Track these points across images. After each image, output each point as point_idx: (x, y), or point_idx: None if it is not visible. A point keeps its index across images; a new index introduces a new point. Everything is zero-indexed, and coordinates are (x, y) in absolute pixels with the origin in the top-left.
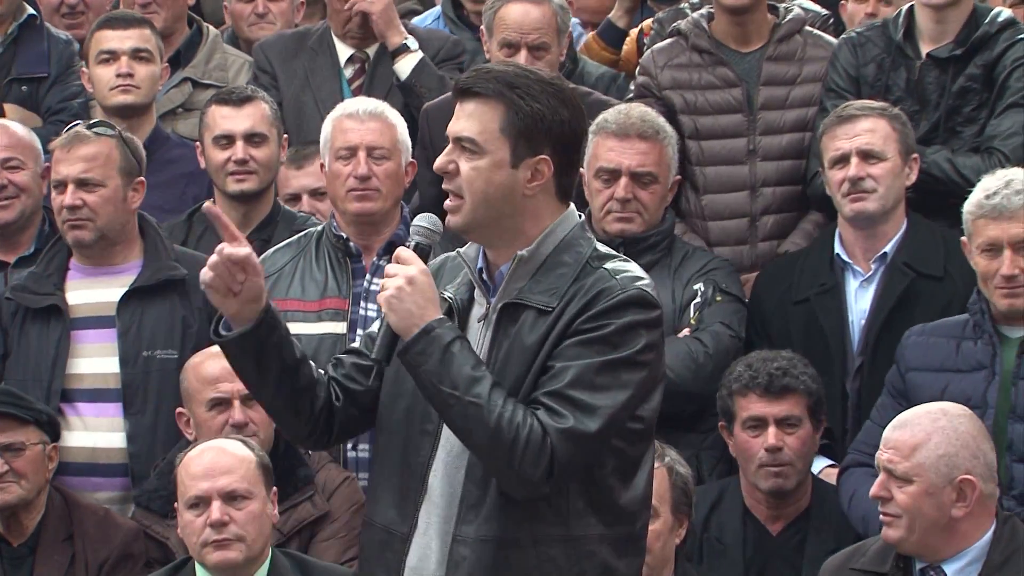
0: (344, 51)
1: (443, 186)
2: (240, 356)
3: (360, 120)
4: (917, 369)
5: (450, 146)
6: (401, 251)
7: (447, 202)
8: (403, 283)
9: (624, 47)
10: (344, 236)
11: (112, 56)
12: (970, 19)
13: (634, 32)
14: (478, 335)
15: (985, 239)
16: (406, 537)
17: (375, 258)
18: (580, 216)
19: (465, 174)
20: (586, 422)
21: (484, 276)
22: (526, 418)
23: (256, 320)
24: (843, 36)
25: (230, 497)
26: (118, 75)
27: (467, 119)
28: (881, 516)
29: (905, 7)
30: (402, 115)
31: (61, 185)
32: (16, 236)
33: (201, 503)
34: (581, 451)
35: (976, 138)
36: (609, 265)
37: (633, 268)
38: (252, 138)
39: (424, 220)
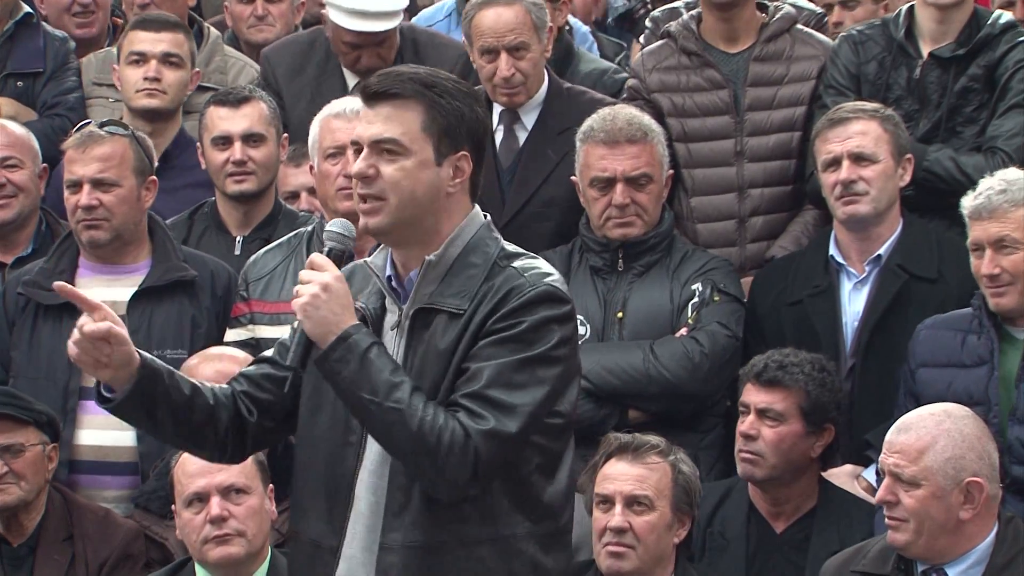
0: (352, 79)
1: (359, 191)
2: (129, 415)
3: (347, 119)
4: (926, 365)
5: (366, 151)
6: (316, 257)
7: (362, 205)
8: (318, 290)
9: None
10: None
11: (142, 58)
12: (971, 20)
13: None
14: (392, 343)
15: (972, 239)
16: (335, 550)
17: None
18: (486, 216)
19: (390, 176)
20: (506, 422)
21: (394, 283)
22: (447, 421)
23: (134, 381)
24: (843, 34)
25: (228, 492)
26: (146, 78)
27: (384, 122)
28: (887, 520)
29: (905, 6)
30: None
31: (76, 185)
32: (13, 236)
33: (199, 500)
34: (503, 451)
35: (976, 138)
36: (517, 263)
37: (542, 265)
38: (250, 138)
39: (337, 226)
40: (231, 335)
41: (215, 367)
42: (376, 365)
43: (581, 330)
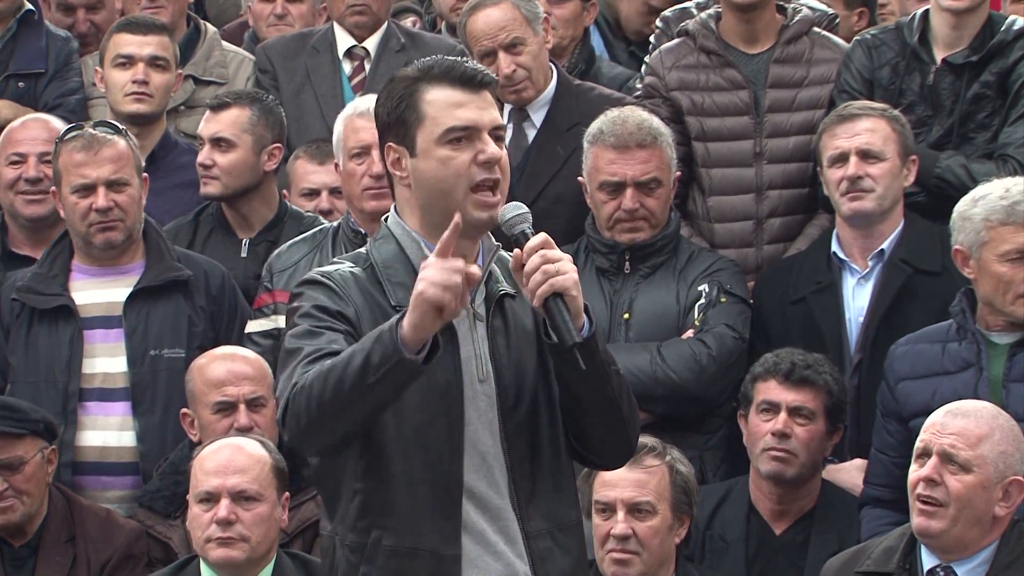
0: (344, 45)
1: (489, 176)
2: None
3: (370, 118)
4: (906, 378)
5: (489, 136)
6: (545, 236)
7: (493, 198)
8: (572, 266)
9: None
10: (363, 231)
11: (129, 61)
12: (985, 26)
13: None
14: (467, 332)
15: (1013, 246)
16: (457, 558)
17: None
18: None
19: (504, 163)
20: None
21: None
22: None
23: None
24: (857, 38)
25: (239, 497)
26: (134, 81)
27: (493, 107)
28: (921, 505)
29: (919, 11)
30: None
31: (88, 188)
32: (46, 233)
33: (210, 499)
34: None
35: (988, 145)
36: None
37: None
38: (218, 143)
39: (521, 207)
40: (254, 325)
41: (227, 367)
42: None
43: None
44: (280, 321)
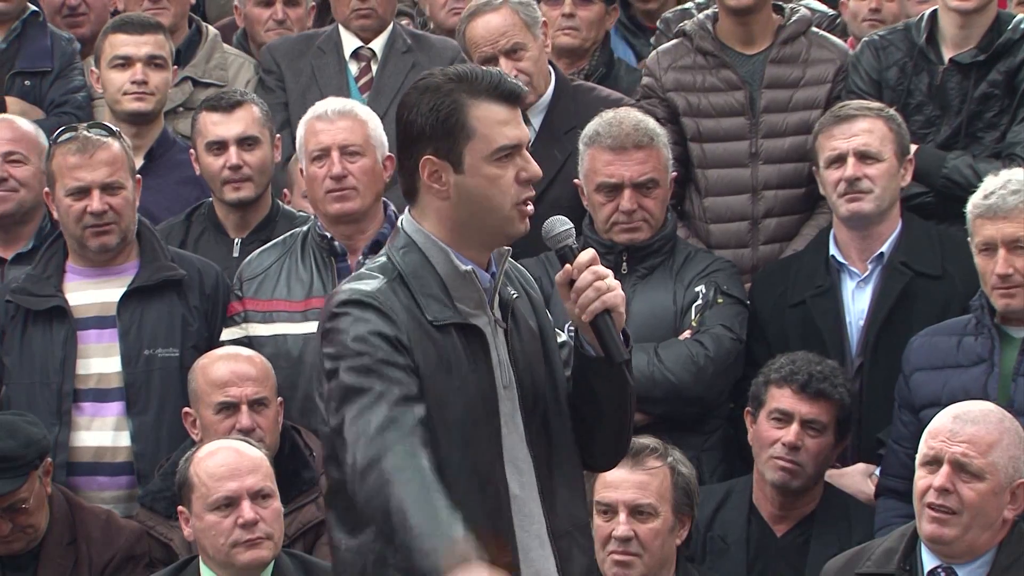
0: (350, 46)
1: (530, 194)
2: None
3: (329, 120)
4: (920, 369)
5: (527, 154)
6: (593, 252)
7: (529, 208)
8: (617, 282)
9: None
10: (329, 236)
11: (127, 62)
12: (993, 25)
13: None
14: (495, 339)
15: (982, 238)
16: (511, 563)
17: (360, 257)
18: None
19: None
20: None
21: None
22: None
23: None
24: (865, 39)
25: (258, 496)
26: (133, 82)
27: (523, 124)
28: (933, 512)
29: (928, 11)
30: None
31: (83, 191)
32: (15, 230)
33: (230, 503)
34: None
35: (997, 144)
36: None
37: None
38: (244, 142)
39: (567, 223)
40: (227, 334)
41: (230, 367)
42: None
43: None
44: (250, 329)
